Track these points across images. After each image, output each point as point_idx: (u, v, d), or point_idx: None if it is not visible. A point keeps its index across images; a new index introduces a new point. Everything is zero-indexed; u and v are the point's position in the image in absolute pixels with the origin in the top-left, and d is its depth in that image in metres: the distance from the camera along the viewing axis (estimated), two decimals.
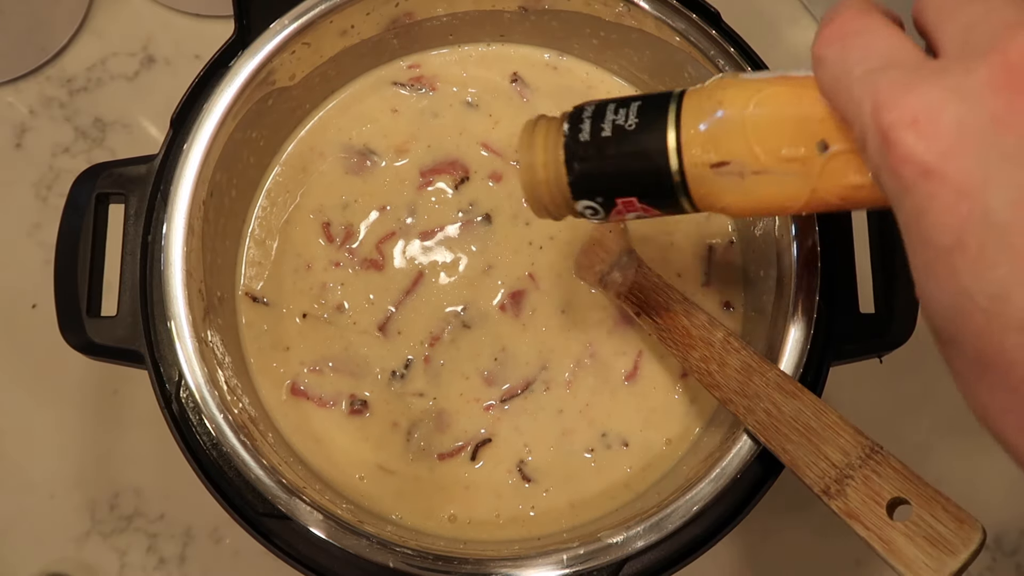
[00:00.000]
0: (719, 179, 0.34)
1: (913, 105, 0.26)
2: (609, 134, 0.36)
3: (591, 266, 0.51)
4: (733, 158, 0.34)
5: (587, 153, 0.37)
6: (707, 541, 0.45)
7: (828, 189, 0.33)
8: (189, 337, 0.46)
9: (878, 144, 0.27)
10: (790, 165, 0.33)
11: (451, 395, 0.51)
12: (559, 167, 0.37)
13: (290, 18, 0.50)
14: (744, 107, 0.33)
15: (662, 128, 0.35)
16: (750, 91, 0.34)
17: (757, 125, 0.33)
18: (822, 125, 0.32)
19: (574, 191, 0.38)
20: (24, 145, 0.67)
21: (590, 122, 0.37)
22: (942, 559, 0.37)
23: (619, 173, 0.36)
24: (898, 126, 0.26)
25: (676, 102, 0.35)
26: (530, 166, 0.38)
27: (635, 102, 0.36)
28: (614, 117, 0.36)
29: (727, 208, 0.36)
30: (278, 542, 0.45)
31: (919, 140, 0.26)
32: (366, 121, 0.55)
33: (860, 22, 0.29)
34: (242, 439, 0.45)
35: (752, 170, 0.34)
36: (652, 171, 0.35)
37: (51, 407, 0.62)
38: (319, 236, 0.53)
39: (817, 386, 0.46)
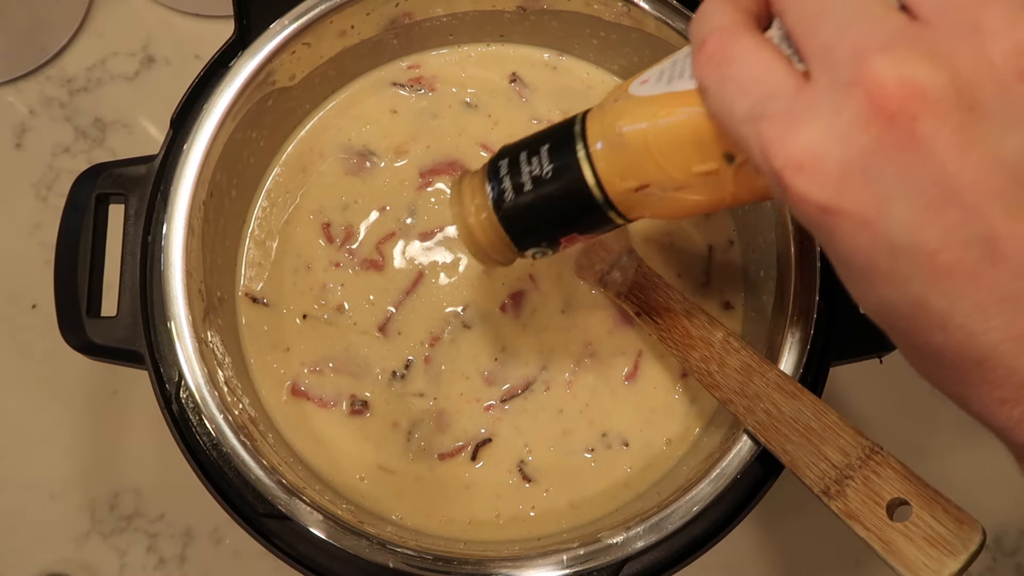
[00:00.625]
0: (645, 199, 0.36)
1: (796, 151, 0.27)
2: (531, 187, 0.38)
3: (591, 266, 0.51)
4: (651, 181, 0.35)
5: (518, 211, 0.39)
6: (707, 541, 0.45)
7: (747, 190, 0.34)
8: (189, 337, 0.46)
9: (773, 183, 0.29)
10: (705, 178, 0.34)
11: (451, 395, 0.51)
12: (496, 227, 0.39)
13: (290, 18, 0.50)
14: (645, 131, 0.34)
15: (577, 168, 0.36)
16: (647, 114, 0.34)
17: (663, 149, 0.34)
18: (723, 139, 0.33)
19: (519, 246, 0.40)
20: (24, 145, 0.67)
21: (510, 179, 0.38)
22: (942, 560, 0.37)
23: (553, 219, 0.38)
24: (787, 171, 0.28)
25: (581, 137, 0.37)
26: (469, 233, 0.40)
27: (543, 145, 0.38)
28: (529, 168, 0.38)
29: (660, 216, 0.38)
30: (278, 542, 0.45)
31: (809, 183, 0.27)
32: (366, 122, 0.55)
33: (731, 48, 0.30)
34: (242, 439, 0.45)
35: (672, 188, 0.35)
36: (582, 208, 0.37)
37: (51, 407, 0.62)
38: (319, 237, 0.53)
39: (817, 386, 0.46)
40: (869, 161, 0.26)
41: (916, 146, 0.26)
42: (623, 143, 0.35)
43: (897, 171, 0.26)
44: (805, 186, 0.27)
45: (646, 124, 0.34)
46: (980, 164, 0.26)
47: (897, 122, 0.26)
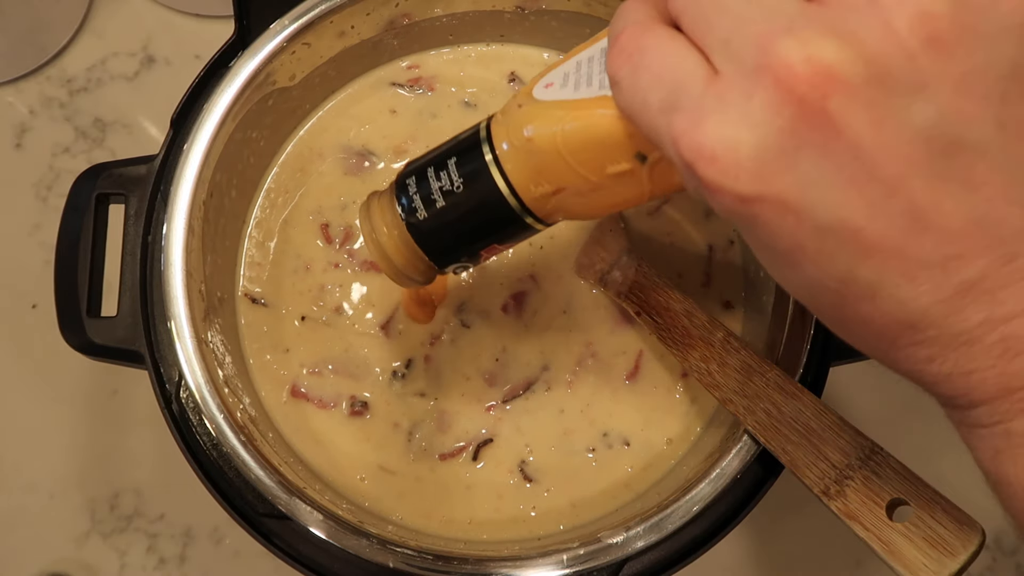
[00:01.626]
0: (562, 201, 0.35)
1: (708, 142, 0.27)
2: (443, 202, 0.37)
3: (591, 265, 0.51)
4: (565, 184, 0.34)
5: (432, 228, 0.38)
6: (707, 541, 0.45)
7: (664, 186, 0.34)
8: (189, 337, 0.46)
9: (687, 176, 0.28)
10: (621, 178, 0.33)
11: (452, 395, 0.51)
12: (411, 246, 0.38)
13: (290, 18, 0.50)
14: (554, 136, 0.34)
15: (488, 177, 0.36)
16: (555, 119, 0.34)
17: (574, 152, 0.33)
18: (633, 139, 0.32)
19: (439, 263, 0.39)
20: (24, 145, 0.67)
21: (419, 196, 0.37)
22: (941, 560, 0.37)
23: (470, 232, 0.38)
24: (700, 163, 0.27)
25: (488, 143, 0.36)
26: (383, 254, 0.39)
27: (450, 159, 0.37)
28: (439, 184, 0.37)
29: (580, 217, 0.37)
30: (278, 542, 0.45)
31: (724, 174, 0.27)
32: (365, 122, 0.55)
33: (644, 39, 0.30)
34: (242, 439, 0.45)
35: (587, 189, 0.34)
36: (498, 218, 0.36)
37: (51, 407, 0.62)
38: (318, 237, 0.53)
39: (817, 386, 0.46)
40: (784, 145, 0.26)
41: (830, 125, 0.26)
42: (532, 149, 0.34)
43: (814, 152, 0.26)
44: (720, 177, 0.27)
45: (556, 128, 0.34)
46: (895, 136, 0.26)
47: (808, 103, 0.26)
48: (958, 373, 0.29)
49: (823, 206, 0.27)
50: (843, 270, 0.28)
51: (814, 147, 0.26)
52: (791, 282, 0.30)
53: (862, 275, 0.28)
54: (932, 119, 0.26)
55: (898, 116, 0.26)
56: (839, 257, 0.28)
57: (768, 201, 0.27)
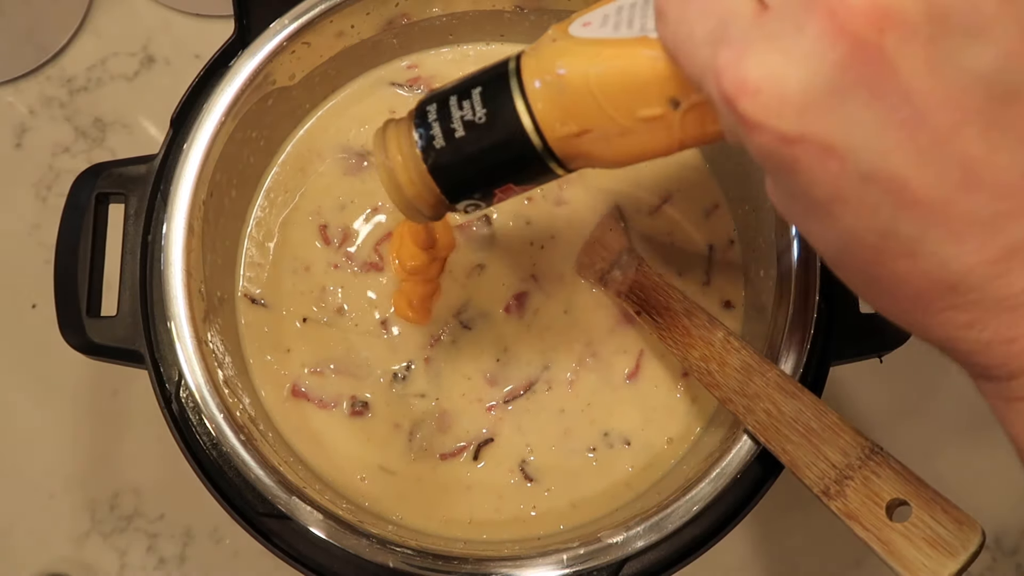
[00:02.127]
0: (586, 144, 0.34)
1: (753, 75, 0.26)
2: (464, 133, 0.35)
3: (592, 264, 0.51)
4: (593, 126, 0.33)
5: (449, 158, 0.36)
6: (707, 541, 0.45)
7: (694, 137, 0.32)
8: (189, 337, 0.46)
9: (727, 112, 0.27)
10: (650, 123, 0.32)
11: (453, 395, 0.51)
12: (424, 176, 0.36)
13: (290, 18, 0.50)
14: (587, 73, 0.32)
15: (513, 111, 0.34)
16: (591, 55, 0.32)
17: (606, 91, 0.32)
18: (669, 83, 0.31)
19: (449, 196, 0.37)
20: (24, 145, 0.67)
21: (439, 125, 0.36)
22: (941, 561, 0.37)
23: (488, 168, 0.36)
24: (741, 97, 0.26)
25: (516, 77, 0.34)
26: (394, 184, 0.37)
27: (475, 88, 0.35)
28: (461, 112, 0.35)
29: (603, 165, 0.35)
30: (278, 542, 0.45)
31: (767, 110, 0.26)
32: (363, 122, 0.55)
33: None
34: (242, 439, 0.45)
35: (615, 133, 0.33)
36: (519, 156, 0.35)
37: (51, 407, 0.62)
38: (316, 238, 0.53)
39: (817, 386, 0.46)
40: (834, 82, 0.25)
41: (885, 64, 0.24)
42: (563, 85, 0.33)
43: (865, 92, 0.25)
44: (762, 112, 0.26)
45: (589, 65, 0.32)
46: (952, 81, 0.25)
47: (863, 39, 0.24)
48: (998, 341, 0.27)
49: (870, 151, 0.25)
50: (884, 223, 0.26)
51: (865, 87, 0.25)
52: (823, 236, 0.28)
53: (904, 229, 0.26)
54: (992, 64, 0.24)
55: (956, 59, 0.24)
56: (882, 208, 0.26)
57: (811, 142, 0.26)
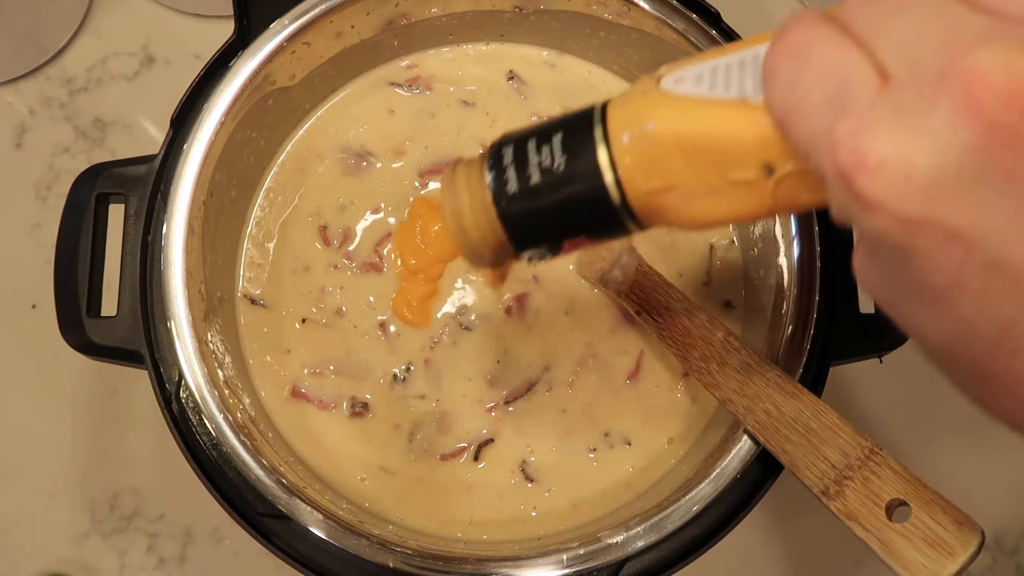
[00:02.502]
0: (667, 202, 0.32)
1: (876, 150, 0.24)
2: (539, 180, 0.33)
3: (592, 264, 0.51)
4: (678, 183, 0.31)
5: (520, 205, 0.34)
6: (707, 541, 0.45)
7: (785, 205, 0.31)
8: (189, 337, 0.46)
9: (839, 188, 0.25)
10: (740, 187, 0.30)
11: (453, 396, 0.51)
12: (493, 222, 0.34)
13: (290, 18, 0.50)
14: (679, 128, 0.31)
15: (595, 161, 0.32)
16: (682, 110, 0.31)
17: (697, 148, 0.30)
18: (767, 148, 0.29)
19: (516, 244, 0.35)
20: (24, 145, 0.67)
21: (514, 169, 0.33)
22: (940, 561, 0.37)
23: (560, 219, 0.34)
24: (861, 173, 0.24)
25: (601, 125, 0.32)
26: (460, 227, 0.35)
27: (556, 133, 0.33)
28: (539, 159, 0.33)
29: (680, 225, 0.33)
30: (278, 542, 0.45)
31: (890, 189, 0.24)
32: (363, 122, 0.55)
33: (815, 33, 0.27)
34: (242, 439, 0.45)
35: (700, 193, 0.31)
36: (594, 210, 0.33)
37: (51, 407, 0.62)
38: (316, 239, 0.53)
39: (817, 386, 0.46)
40: (967, 164, 0.23)
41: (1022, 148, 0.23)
42: (652, 138, 0.31)
43: (1001, 177, 0.23)
44: (883, 191, 0.24)
45: (683, 121, 0.31)
46: None
47: (1002, 120, 0.23)
48: None
49: (1000, 239, 0.24)
50: (1008, 315, 0.25)
51: (1001, 171, 0.23)
52: (932, 325, 0.27)
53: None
54: None
55: None
56: (1007, 300, 0.24)
57: (935, 226, 0.24)
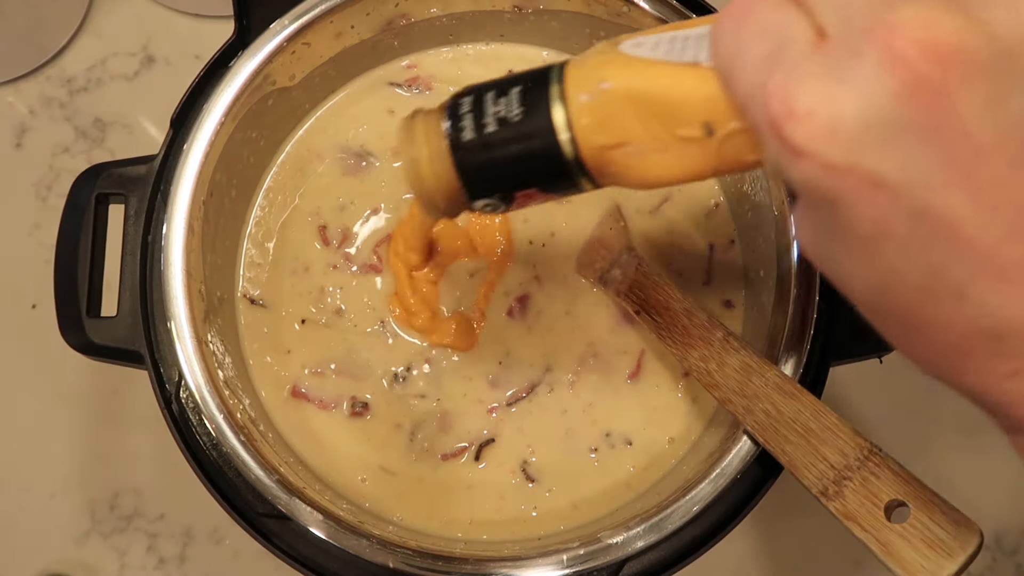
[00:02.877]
0: (619, 158, 0.33)
1: (805, 100, 0.25)
2: (495, 128, 0.34)
3: (591, 264, 0.51)
4: (630, 139, 0.32)
5: (476, 153, 0.35)
6: (707, 541, 0.45)
7: (730, 164, 0.32)
8: (189, 337, 0.46)
9: (771, 137, 0.26)
10: (687, 143, 0.32)
11: (454, 396, 0.51)
12: (448, 169, 0.35)
13: (290, 18, 0.50)
14: (631, 85, 0.32)
15: (549, 115, 0.33)
16: (636, 69, 0.32)
17: (648, 103, 0.32)
18: (714, 105, 0.30)
19: (469, 192, 0.36)
20: (24, 145, 0.67)
21: (471, 117, 0.35)
22: (939, 562, 0.37)
23: (514, 169, 0.35)
24: (790, 122, 0.25)
25: (558, 81, 0.33)
26: (417, 174, 0.36)
27: (515, 86, 0.34)
28: (496, 108, 0.34)
29: (631, 183, 0.34)
30: (278, 542, 0.45)
31: (816, 137, 0.25)
32: (362, 122, 0.55)
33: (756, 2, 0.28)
34: (242, 439, 0.45)
35: (651, 149, 0.32)
36: (548, 162, 0.34)
37: (51, 407, 0.62)
38: (316, 239, 0.53)
39: (817, 386, 0.46)
40: (891, 115, 0.24)
41: (946, 102, 0.24)
42: (605, 95, 0.32)
43: (923, 128, 0.24)
44: (811, 139, 0.25)
45: (635, 78, 0.32)
46: (1014, 124, 0.24)
47: (925, 75, 0.24)
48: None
49: (924, 188, 0.24)
50: (933, 263, 0.25)
51: (923, 122, 0.24)
52: (860, 274, 0.27)
53: (952, 271, 0.25)
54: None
55: (1020, 101, 0.24)
56: (932, 248, 0.25)
57: (861, 174, 0.25)
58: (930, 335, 0.27)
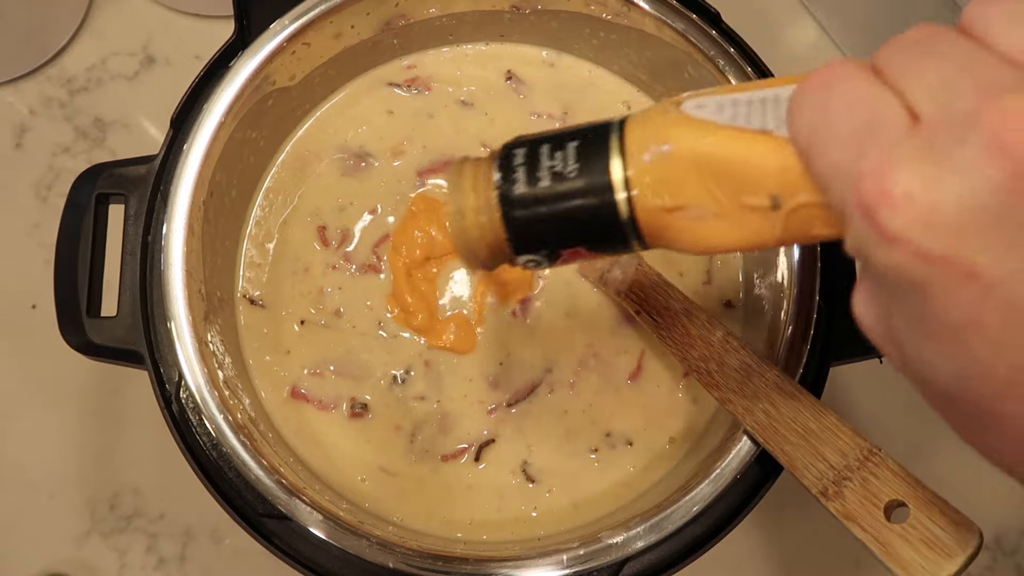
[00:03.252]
0: (676, 222, 0.32)
1: (902, 185, 0.24)
2: (548, 184, 0.33)
3: (592, 264, 0.51)
4: (689, 203, 0.31)
5: (526, 207, 0.33)
6: (707, 541, 0.45)
7: (795, 236, 0.30)
8: (189, 338, 0.46)
9: (860, 219, 0.25)
10: (751, 213, 0.30)
11: (455, 398, 0.51)
12: (496, 222, 0.34)
13: (290, 18, 0.50)
14: (696, 147, 0.30)
15: (607, 172, 0.32)
16: (702, 131, 0.31)
17: (713, 168, 0.30)
18: (784, 175, 0.29)
19: (515, 247, 0.34)
20: (24, 145, 0.67)
21: (524, 170, 0.33)
22: (939, 562, 0.37)
23: (565, 226, 0.33)
24: (884, 207, 0.24)
25: (618, 138, 0.32)
26: (461, 225, 0.34)
27: (571, 141, 0.33)
28: (551, 163, 0.33)
29: (685, 247, 0.33)
30: (278, 542, 0.45)
31: (911, 223, 0.24)
32: (361, 122, 0.55)
33: (847, 71, 0.27)
34: (242, 439, 0.45)
35: (711, 214, 0.31)
36: (601, 220, 0.32)
37: (51, 407, 0.62)
38: (315, 240, 0.53)
39: (817, 386, 0.46)
40: (993, 203, 0.23)
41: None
42: (667, 157, 0.31)
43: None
44: (905, 225, 0.24)
45: (701, 140, 0.30)
46: None
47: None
48: None
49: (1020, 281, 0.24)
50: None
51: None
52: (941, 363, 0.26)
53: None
54: None
55: None
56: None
57: (956, 263, 0.24)
58: (1009, 429, 0.26)
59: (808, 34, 0.69)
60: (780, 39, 0.69)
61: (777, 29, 0.69)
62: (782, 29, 0.70)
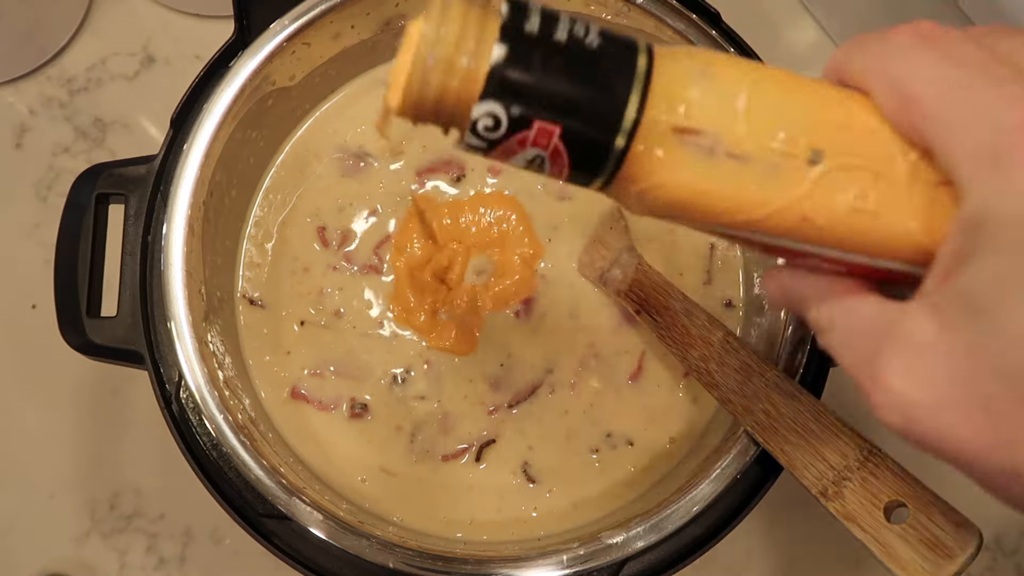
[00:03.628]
0: (674, 149, 0.27)
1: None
2: (564, 39, 0.27)
3: (592, 263, 0.51)
4: (709, 128, 0.27)
5: (528, 48, 0.27)
6: (707, 542, 0.45)
7: (814, 207, 0.27)
8: (189, 338, 0.46)
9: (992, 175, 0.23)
10: (775, 159, 0.27)
11: (455, 398, 0.51)
12: (480, 55, 0.27)
13: (290, 18, 0.50)
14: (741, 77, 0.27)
15: (631, 61, 0.27)
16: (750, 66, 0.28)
17: (753, 99, 0.27)
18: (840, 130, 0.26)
19: (489, 84, 0.27)
20: (24, 145, 0.67)
21: (540, 19, 0.27)
22: (939, 563, 0.37)
23: (557, 90, 0.27)
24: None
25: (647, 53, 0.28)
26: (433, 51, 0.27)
27: (595, 25, 0.28)
28: (571, 27, 0.28)
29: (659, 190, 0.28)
30: (278, 542, 0.45)
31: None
32: (360, 122, 0.55)
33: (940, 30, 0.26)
34: (242, 440, 0.45)
35: (726, 150, 0.27)
36: (600, 107, 0.27)
37: (51, 407, 0.62)
38: (315, 240, 0.53)
39: (817, 387, 0.46)
40: None
41: None
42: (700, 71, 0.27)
43: None
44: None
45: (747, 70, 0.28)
46: None
47: None
48: None
49: None
50: None
51: None
52: None
53: None
54: None
55: None
56: None
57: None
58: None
59: (808, 34, 0.69)
60: (780, 39, 0.69)
61: (777, 29, 0.69)
62: (782, 29, 0.69)
